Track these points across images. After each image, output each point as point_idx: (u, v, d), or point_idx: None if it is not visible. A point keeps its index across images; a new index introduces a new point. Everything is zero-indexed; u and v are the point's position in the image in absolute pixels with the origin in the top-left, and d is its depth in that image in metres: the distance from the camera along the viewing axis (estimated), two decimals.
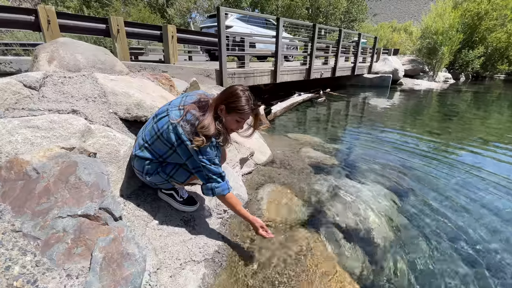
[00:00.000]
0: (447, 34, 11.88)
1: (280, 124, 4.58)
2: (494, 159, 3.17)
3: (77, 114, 1.59)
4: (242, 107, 1.29)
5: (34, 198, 0.92)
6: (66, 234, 0.86)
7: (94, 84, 1.91)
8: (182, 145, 1.30)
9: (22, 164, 1.00)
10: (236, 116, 1.32)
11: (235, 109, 1.30)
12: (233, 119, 1.33)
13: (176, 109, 1.35)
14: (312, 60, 6.64)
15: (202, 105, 1.35)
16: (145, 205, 1.53)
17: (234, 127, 1.37)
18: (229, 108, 1.30)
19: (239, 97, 1.29)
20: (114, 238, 0.88)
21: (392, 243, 1.69)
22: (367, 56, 10.32)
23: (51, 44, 2.26)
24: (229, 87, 1.35)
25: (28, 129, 1.30)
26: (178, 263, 1.26)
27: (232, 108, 1.30)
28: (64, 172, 1.02)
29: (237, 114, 1.31)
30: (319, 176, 2.55)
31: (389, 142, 3.72)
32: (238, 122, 1.35)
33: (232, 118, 1.33)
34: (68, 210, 0.91)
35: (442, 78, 13.38)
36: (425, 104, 7.32)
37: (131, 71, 3.10)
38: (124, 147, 1.59)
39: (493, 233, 1.84)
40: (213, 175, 1.34)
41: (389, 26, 26.21)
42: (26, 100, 1.56)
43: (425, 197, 2.25)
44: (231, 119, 1.33)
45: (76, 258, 0.81)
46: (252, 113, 1.35)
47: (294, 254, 1.50)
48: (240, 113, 1.30)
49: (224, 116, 1.33)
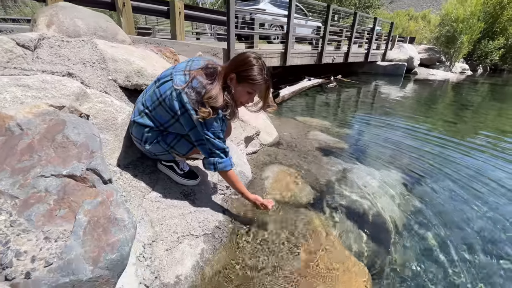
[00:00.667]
0: (468, 22, 11.25)
1: (288, 108, 4.42)
2: (510, 149, 2.99)
3: (73, 77, 1.48)
4: (255, 77, 1.16)
5: (16, 155, 0.83)
6: (49, 195, 0.77)
7: (93, 50, 1.80)
8: (185, 114, 1.19)
9: (5, 119, 0.91)
10: (248, 87, 1.19)
11: (247, 79, 1.17)
12: (244, 90, 1.21)
13: (181, 73, 1.23)
14: (324, 43, 6.36)
15: (209, 72, 1.22)
16: (143, 176, 1.44)
17: (244, 99, 1.25)
18: (240, 77, 1.18)
19: (252, 65, 1.16)
20: (102, 201, 0.78)
21: (400, 229, 1.59)
22: (382, 43, 9.88)
23: (51, 8, 2.14)
24: (241, 53, 1.21)
25: (18, 88, 1.20)
26: (176, 236, 1.17)
27: (243, 78, 1.17)
28: (50, 130, 0.93)
29: (249, 85, 1.18)
30: (327, 159, 2.42)
31: (401, 129, 3.54)
32: (249, 93, 1.23)
33: (243, 89, 1.20)
34: (53, 169, 0.82)
35: (459, 69, 12.81)
36: (440, 94, 7.01)
37: (135, 44, 2.97)
38: (122, 115, 1.49)
39: (508, 222, 1.70)
40: (216, 149, 1.23)
41: (405, 14, 25.09)
42: (19, 59, 1.46)
43: (436, 184, 2.12)
44: (241, 90, 1.21)
45: (58, 221, 0.72)
46: (264, 85, 1.22)
47: (298, 234, 1.41)
48: (252, 83, 1.17)
49: (234, 86, 1.20)
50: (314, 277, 1.16)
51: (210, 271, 1.14)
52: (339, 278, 1.17)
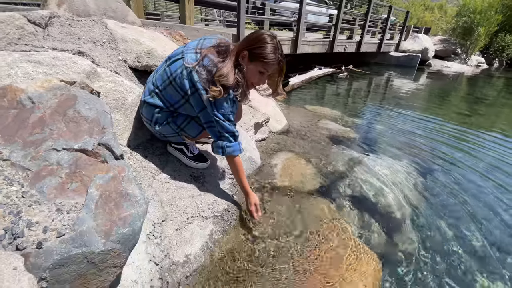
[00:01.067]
0: (486, 14, 10.75)
1: (298, 96, 4.35)
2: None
3: (83, 55, 1.46)
4: (268, 55, 1.11)
5: (27, 128, 0.82)
6: (60, 168, 0.76)
7: (104, 29, 1.76)
8: (196, 93, 1.16)
9: (16, 92, 0.89)
10: (260, 66, 1.14)
11: (260, 57, 1.12)
12: (255, 69, 1.16)
13: (192, 52, 1.19)
14: (337, 31, 6.18)
15: (221, 50, 1.18)
16: (153, 157, 1.43)
17: (255, 79, 1.20)
18: (253, 55, 1.13)
19: (266, 43, 1.10)
20: (114, 176, 0.77)
21: (408, 220, 1.55)
22: (396, 33, 9.55)
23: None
24: (256, 31, 1.16)
25: (29, 64, 1.19)
26: (185, 217, 1.17)
27: (256, 56, 1.12)
28: (62, 104, 0.91)
29: (261, 64, 1.13)
30: (337, 148, 2.38)
31: (412, 120, 3.45)
32: (261, 73, 1.17)
33: (255, 68, 1.15)
34: (64, 143, 0.81)
35: (475, 62, 12.35)
36: (454, 87, 6.79)
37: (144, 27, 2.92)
38: (132, 95, 1.47)
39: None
40: (225, 132, 1.20)
41: (421, 4, 24.14)
42: (30, 36, 1.44)
43: (448, 176, 2.07)
44: (253, 69, 1.16)
45: (69, 194, 0.72)
46: (277, 66, 1.16)
47: (306, 220, 1.39)
48: (265, 62, 1.12)
49: (246, 65, 1.15)
50: (323, 263, 1.15)
51: (218, 252, 1.14)
52: (350, 264, 1.16)
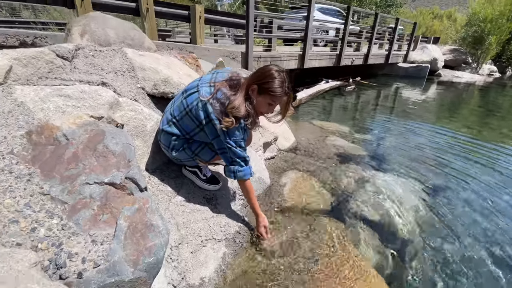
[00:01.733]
0: (497, 22, 10.67)
1: (305, 111, 4.42)
2: None
3: (106, 86, 1.59)
4: (275, 89, 1.20)
5: (63, 163, 0.92)
6: (93, 201, 0.85)
7: (124, 59, 1.91)
8: (210, 124, 1.26)
9: (52, 129, 1.01)
10: (268, 99, 1.24)
11: (268, 91, 1.21)
12: (264, 101, 1.26)
13: (206, 85, 1.30)
14: (343, 45, 6.28)
15: (233, 84, 1.28)
16: (169, 180, 1.53)
17: (264, 109, 1.30)
18: (262, 89, 1.22)
19: (273, 78, 1.20)
20: (139, 208, 0.86)
21: (419, 241, 1.57)
22: (403, 44, 9.58)
23: (83, 18, 2.29)
24: (264, 66, 1.26)
25: (59, 98, 1.31)
26: (200, 239, 1.24)
27: (264, 90, 1.22)
28: (92, 140, 1.02)
29: (270, 97, 1.23)
30: (345, 166, 2.42)
31: (422, 135, 3.45)
32: (269, 105, 1.27)
33: (264, 100, 1.25)
34: (95, 177, 0.90)
35: (487, 71, 12.17)
36: (465, 98, 6.72)
37: (159, 49, 3.09)
38: (150, 122, 1.58)
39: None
40: (237, 158, 1.29)
41: (429, 13, 24.12)
42: (59, 70, 1.59)
43: (459, 195, 2.07)
44: (262, 101, 1.26)
45: (101, 225, 0.80)
46: (285, 97, 1.26)
47: (316, 242, 1.44)
48: (273, 95, 1.22)
49: (255, 97, 1.25)
50: (333, 285, 1.19)
51: (231, 274, 1.20)
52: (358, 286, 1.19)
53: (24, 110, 1.18)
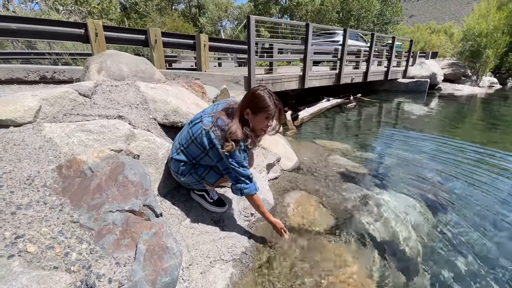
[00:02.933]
0: (492, 36, 10.93)
1: (307, 130, 4.56)
2: None
3: (122, 119, 1.76)
4: (267, 104, 1.36)
5: (89, 194, 1.06)
6: (115, 227, 0.97)
7: (137, 92, 2.10)
8: (213, 148, 1.40)
9: (79, 163, 1.15)
10: (264, 115, 1.39)
11: (261, 109, 1.37)
12: (261, 119, 1.40)
13: (208, 116, 1.46)
14: (342, 64, 6.52)
15: (230, 112, 1.44)
16: (179, 204, 1.64)
17: (263, 125, 1.44)
18: (255, 109, 1.38)
19: (261, 96, 1.36)
20: (156, 232, 0.97)
21: (423, 260, 1.61)
22: (402, 60, 9.85)
23: (100, 56, 2.53)
24: (249, 91, 1.44)
25: (82, 133, 1.48)
26: (208, 260, 1.33)
27: (258, 109, 1.37)
28: (113, 171, 1.15)
29: (264, 113, 1.38)
30: (348, 184, 2.50)
31: (425, 151, 3.52)
32: (267, 119, 1.41)
33: (261, 118, 1.40)
34: (117, 205, 1.03)
35: (487, 83, 12.29)
36: (467, 111, 6.80)
37: (167, 79, 3.32)
38: (162, 150, 1.73)
39: None
40: (241, 177, 1.43)
41: (426, 28, 24.73)
42: (81, 106, 1.77)
43: (462, 212, 2.11)
44: (259, 119, 1.41)
45: (123, 248, 0.92)
46: (275, 108, 1.40)
47: (320, 262, 1.51)
48: (266, 110, 1.37)
49: (252, 119, 1.41)
50: None
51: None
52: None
53: (52, 146, 1.34)
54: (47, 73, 3.22)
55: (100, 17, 13.66)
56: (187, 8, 24.33)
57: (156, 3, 19.60)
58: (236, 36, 20.62)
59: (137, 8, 18.18)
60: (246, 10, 22.01)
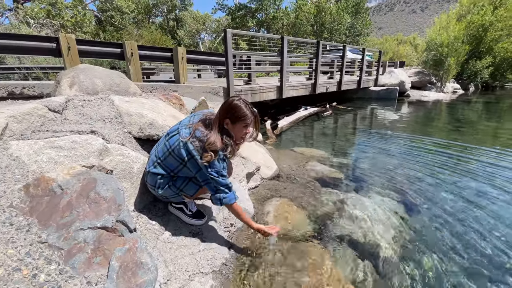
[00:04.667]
0: (453, 45, 11.94)
1: (287, 139, 4.66)
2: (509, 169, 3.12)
3: (96, 134, 1.72)
4: (244, 113, 1.42)
5: (59, 212, 1.02)
6: (87, 245, 0.95)
7: (111, 106, 2.07)
8: (192, 159, 1.41)
9: (48, 181, 1.12)
10: (242, 124, 1.44)
11: (239, 119, 1.42)
12: (240, 127, 1.45)
13: (186, 127, 1.47)
14: (317, 75, 6.79)
15: (207, 123, 1.47)
16: (156, 218, 1.61)
17: (242, 133, 1.48)
18: (234, 119, 1.43)
19: (238, 106, 1.42)
20: (129, 248, 0.96)
21: (400, 258, 1.69)
22: (373, 70, 10.43)
23: (72, 70, 2.47)
24: (225, 102, 1.48)
25: (52, 149, 1.43)
26: (187, 274, 1.32)
27: (236, 118, 1.42)
28: (85, 188, 1.13)
29: (242, 122, 1.43)
30: (325, 190, 2.58)
31: (397, 154, 3.72)
32: (245, 127, 1.46)
33: (239, 127, 1.45)
34: (89, 222, 1.01)
35: (451, 89, 13.29)
36: (434, 115, 7.28)
37: (143, 91, 3.29)
38: (137, 164, 1.70)
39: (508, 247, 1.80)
40: (221, 186, 1.44)
41: (394, 39, 26.47)
42: (51, 122, 1.71)
43: (435, 211, 2.24)
44: (238, 128, 1.45)
45: (95, 267, 0.90)
46: (252, 115, 1.46)
47: (300, 268, 1.54)
48: (244, 119, 1.43)
49: (232, 128, 1.45)
50: None
51: None
52: None
53: (19, 164, 1.29)
54: (15, 88, 3.08)
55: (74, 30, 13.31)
56: (164, 21, 24.34)
57: (133, 16, 19.45)
58: (215, 48, 20.85)
59: (112, 21, 17.92)
60: (224, 23, 22.41)
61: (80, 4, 14.42)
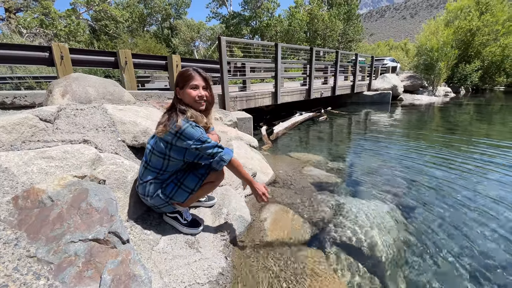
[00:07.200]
0: (442, 50, 12.22)
1: (282, 144, 4.66)
2: (501, 171, 3.15)
3: (88, 143, 1.70)
4: (187, 73, 1.45)
5: (49, 225, 0.99)
6: (78, 258, 0.92)
7: (104, 115, 2.04)
8: (173, 147, 1.42)
9: (38, 193, 1.08)
10: (188, 85, 1.44)
11: (186, 81, 1.44)
12: (188, 90, 1.45)
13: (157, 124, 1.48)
14: (311, 80, 6.85)
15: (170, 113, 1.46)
16: (151, 228, 1.58)
17: (194, 94, 1.46)
18: (182, 85, 1.45)
19: (183, 71, 1.46)
20: (122, 260, 0.93)
21: (397, 261, 1.68)
22: (366, 75, 10.58)
23: (65, 80, 2.45)
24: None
25: (43, 160, 1.40)
26: (183, 286, 1.28)
27: (182, 82, 1.45)
28: (76, 199, 1.10)
29: (188, 83, 1.44)
30: (322, 194, 2.57)
31: (392, 157, 3.74)
32: (193, 88, 1.46)
33: (187, 89, 1.45)
34: (80, 235, 0.98)
35: (442, 92, 13.52)
36: (427, 118, 7.37)
37: (138, 99, 3.27)
38: (131, 173, 1.67)
39: (502, 247, 1.81)
40: (212, 149, 1.43)
41: (386, 44, 26.99)
42: (42, 132, 1.68)
43: (430, 213, 2.24)
44: (188, 92, 1.45)
45: (86, 281, 0.86)
46: (199, 76, 1.46)
47: (299, 274, 1.51)
48: (189, 79, 1.44)
49: (183, 95, 1.46)
50: None
51: None
52: None
53: (8, 176, 1.25)
54: (6, 98, 3.04)
55: (67, 40, 13.28)
56: (159, 29, 24.47)
57: (127, 25, 19.53)
58: (210, 56, 20.97)
59: (107, 30, 17.96)
60: (218, 31, 22.63)
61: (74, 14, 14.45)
